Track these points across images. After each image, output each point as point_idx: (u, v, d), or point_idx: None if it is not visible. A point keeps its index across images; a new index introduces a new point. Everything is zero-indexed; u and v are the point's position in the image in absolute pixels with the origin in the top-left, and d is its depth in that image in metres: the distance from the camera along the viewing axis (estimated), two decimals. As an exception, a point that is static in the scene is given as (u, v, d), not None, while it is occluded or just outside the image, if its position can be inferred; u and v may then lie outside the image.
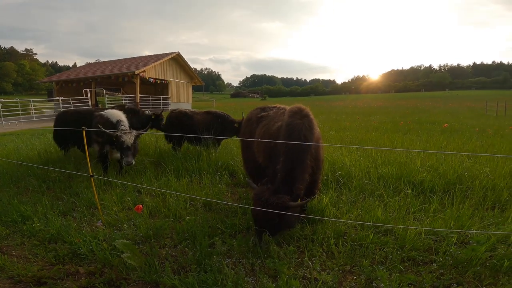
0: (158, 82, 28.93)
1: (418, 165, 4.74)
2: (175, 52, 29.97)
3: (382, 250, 2.60)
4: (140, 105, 26.92)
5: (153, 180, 4.36)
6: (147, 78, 27.07)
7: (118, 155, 4.77)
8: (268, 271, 2.33)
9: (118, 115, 4.94)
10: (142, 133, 4.84)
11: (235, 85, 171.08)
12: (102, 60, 47.51)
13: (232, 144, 6.40)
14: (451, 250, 2.54)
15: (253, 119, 3.49)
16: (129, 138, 4.36)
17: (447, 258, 2.47)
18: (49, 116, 21.75)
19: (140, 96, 27.03)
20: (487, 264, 2.39)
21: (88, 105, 22.78)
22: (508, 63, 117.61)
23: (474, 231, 2.69)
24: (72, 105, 21.81)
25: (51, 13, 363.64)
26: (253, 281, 2.24)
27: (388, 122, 12.57)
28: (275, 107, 3.51)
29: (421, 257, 2.53)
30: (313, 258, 2.50)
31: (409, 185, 4.05)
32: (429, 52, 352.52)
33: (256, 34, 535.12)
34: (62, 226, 2.95)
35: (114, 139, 4.42)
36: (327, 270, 2.36)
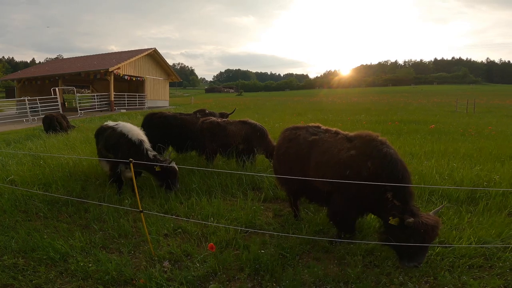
0: (134, 79, 27.60)
1: (434, 173, 4.97)
2: (151, 49, 28.76)
3: (445, 260, 2.77)
4: (114, 103, 25.63)
5: (181, 200, 4.15)
6: (121, 75, 25.67)
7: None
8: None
9: (138, 132, 4.54)
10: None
11: (209, 80, 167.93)
12: (64, 55, 44.37)
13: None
14: (506, 255, 2.76)
15: (300, 141, 3.38)
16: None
17: (506, 262, 2.69)
18: (11, 117, 19.77)
19: (114, 94, 25.61)
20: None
21: (57, 105, 21.11)
22: (467, 58, 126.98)
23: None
24: (39, 105, 20.08)
25: (4, 7, 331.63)
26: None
27: (375, 122, 13.04)
28: (319, 127, 3.50)
29: (480, 263, 2.73)
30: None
31: (432, 195, 4.24)
32: (395, 48, 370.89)
33: (230, 29, 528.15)
34: (118, 265, 2.69)
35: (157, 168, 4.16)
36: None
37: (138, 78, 28.09)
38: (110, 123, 4.97)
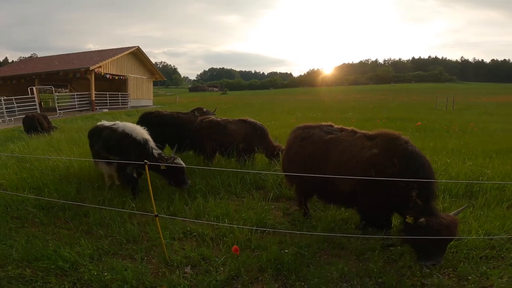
0: (116, 78, 26.77)
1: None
2: (134, 47, 27.97)
3: (459, 252, 2.88)
4: (96, 103, 24.75)
5: (186, 201, 4.05)
6: (103, 74, 24.79)
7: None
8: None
9: (142, 131, 4.35)
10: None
11: (192, 79, 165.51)
12: (39, 54, 42.29)
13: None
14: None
15: (315, 140, 3.36)
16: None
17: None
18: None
19: (95, 93, 24.70)
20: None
21: (35, 105, 20.13)
22: (442, 57, 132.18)
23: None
24: (15, 105, 19.07)
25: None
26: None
27: (363, 119, 13.30)
28: (332, 126, 3.49)
29: (492, 255, 2.86)
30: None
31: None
32: (375, 47, 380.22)
33: (214, 27, 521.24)
34: (135, 272, 2.57)
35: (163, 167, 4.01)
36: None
37: (121, 77, 27.29)
38: (106, 122, 4.78)
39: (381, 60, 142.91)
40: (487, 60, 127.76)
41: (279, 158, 5.37)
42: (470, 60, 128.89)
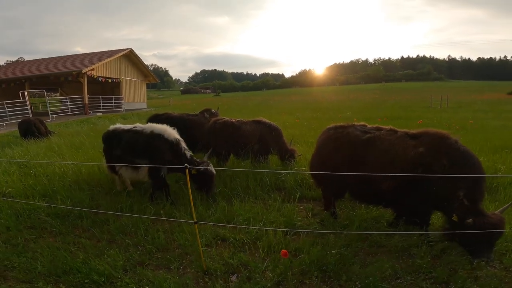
0: (109, 81, 26.28)
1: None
2: (127, 49, 27.56)
3: (498, 245, 2.88)
4: (89, 106, 24.25)
5: (211, 205, 3.95)
6: (95, 77, 24.33)
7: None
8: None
9: (172, 131, 4.17)
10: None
11: (184, 81, 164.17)
12: (26, 58, 41.24)
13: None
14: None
15: (352, 140, 3.31)
16: None
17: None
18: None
19: (88, 97, 24.19)
20: None
21: (27, 109, 19.61)
22: (430, 56, 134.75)
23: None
24: (7, 109, 18.52)
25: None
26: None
27: (364, 118, 13.34)
28: (366, 126, 3.49)
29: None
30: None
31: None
32: (365, 46, 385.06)
33: (204, 29, 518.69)
34: (177, 284, 2.44)
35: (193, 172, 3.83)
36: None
37: (114, 80, 26.81)
38: (122, 126, 4.60)
39: (371, 60, 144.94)
40: (474, 58, 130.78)
41: (294, 161, 5.32)
42: (457, 59, 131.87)
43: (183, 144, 4.15)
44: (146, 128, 4.28)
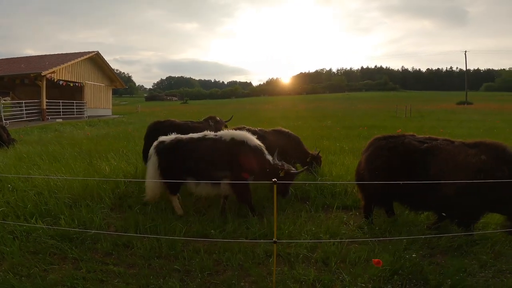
0: (71, 85, 24.32)
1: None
2: (93, 52, 25.83)
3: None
4: (47, 111, 22.13)
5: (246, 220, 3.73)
6: (56, 80, 22.37)
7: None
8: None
9: (252, 137, 3.92)
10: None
11: (148, 88, 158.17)
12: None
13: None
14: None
15: (410, 149, 3.45)
16: None
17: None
18: None
19: (46, 102, 22.09)
20: None
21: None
22: (386, 67, 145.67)
23: None
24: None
25: None
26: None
27: (346, 127, 13.89)
28: (414, 135, 3.67)
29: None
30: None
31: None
32: (328, 56, 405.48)
33: (171, 35, 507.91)
34: None
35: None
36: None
37: (76, 84, 24.90)
38: (183, 136, 4.05)
39: (334, 70, 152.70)
40: (423, 69, 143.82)
41: (318, 165, 5.28)
42: (409, 70, 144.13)
43: (265, 150, 3.91)
44: (224, 135, 3.89)
